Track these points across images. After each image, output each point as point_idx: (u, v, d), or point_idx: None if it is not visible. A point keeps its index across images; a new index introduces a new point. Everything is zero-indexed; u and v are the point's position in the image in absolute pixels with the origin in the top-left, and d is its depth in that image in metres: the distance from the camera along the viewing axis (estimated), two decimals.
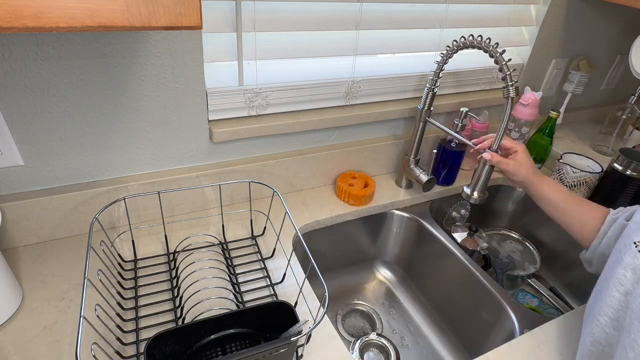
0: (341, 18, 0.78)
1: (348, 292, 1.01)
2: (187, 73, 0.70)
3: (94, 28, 0.36)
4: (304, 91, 0.83)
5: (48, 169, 0.69)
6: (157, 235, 0.78)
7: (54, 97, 0.63)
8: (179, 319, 0.62)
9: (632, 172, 0.89)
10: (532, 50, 1.08)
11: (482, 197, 0.78)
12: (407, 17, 0.85)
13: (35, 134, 0.65)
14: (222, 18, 0.69)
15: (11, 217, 0.68)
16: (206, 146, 0.80)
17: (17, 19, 0.32)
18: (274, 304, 0.57)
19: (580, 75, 1.15)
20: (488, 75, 1.06)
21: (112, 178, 0.75)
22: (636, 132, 1.12)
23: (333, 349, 0.62)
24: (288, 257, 0.75)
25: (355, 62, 0.86)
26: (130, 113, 0.70)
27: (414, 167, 0.95)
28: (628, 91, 1.16)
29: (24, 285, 0.65)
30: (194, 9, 0.39)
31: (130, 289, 0.67)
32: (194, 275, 0.69)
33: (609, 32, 1.19)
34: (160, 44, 0.66)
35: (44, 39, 0.58)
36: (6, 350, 0.56)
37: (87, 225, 0.75)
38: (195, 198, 0.83)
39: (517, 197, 1.12)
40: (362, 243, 1.02)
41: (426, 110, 0.88)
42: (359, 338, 0.87)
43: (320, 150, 0.91)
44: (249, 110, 0.80)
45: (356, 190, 0.91)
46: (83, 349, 0.45)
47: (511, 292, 0.99)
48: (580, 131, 1.29)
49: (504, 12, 0.98)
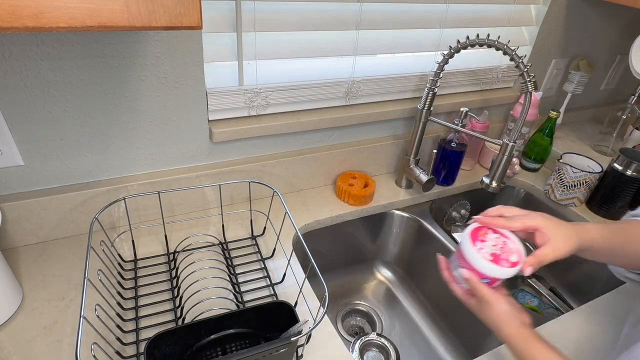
0: (341, 18, 0.78)
1: (348, 292, 1.01)
2: (187, 73, 0.70)
3: (94, 28, 0.36)
4: (304, 91, 0.83)
5: (48, 169, 0.69)
6: (157, 235, 0.78)
7: (54, 97, 0.63)
8: (179, 319, 0.62)
9: (632, 172, 0.89)
10: (532, 50, 1.08)
11: (501, 186, 0.80)
12: (407, 17, 0.85)
13: (35, 134, 0.65)
14: (222, 18, 0.69)
15: (11, 217, 0.68)
16: (206, 146, 0.80)
17: (17, 19, 0.32)
18: (274, 304, 0.57)
19: (580, 75, 1.15)
20: (488, 75, 1.06)
21: (112, 178, 0.75)
22: (636, 132, 1.12)
23: (333, 349, 0.62)
24: (288, 257, 0.75)
25: (355, 62, 0.86)
26: (130, 113, 0.70)
27: (414, 167, 0.95)
28: (628, 91, 1.16)
29: (24, 285, 0.65)
30: (194, 9, 0.39)
31: (130, 289, 0.67)
32: (194, 275, 0.69)
33: (609, 32, 1.19)
34: (160, 44, 0.66)
35: (44, 39, 0.58)
36: (6, 350, 0.56)
37: (87, 225, 0.75)
38: (195, 198, 0.83)
39: (517, 197, 1.12)
40: (362, 243, 1.02)
41: (426, 110, 0.88)
42: (359, 338, 0.86)
43: (320, 150, 0.91)
44: (249, 110, 0.80)
45: (356, 190, 0.91)
46: (83, 349, 0.45)
47: (511, 292, 0.99)
48: (580, 131, 1.29)
49: (504, 12, 0.98)
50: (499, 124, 1.16)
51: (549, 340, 0.51)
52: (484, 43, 0.74)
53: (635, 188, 0.90)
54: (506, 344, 0.53)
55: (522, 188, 1.11)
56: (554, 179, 0.98)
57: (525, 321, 0.53)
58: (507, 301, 0.53)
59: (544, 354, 0.49)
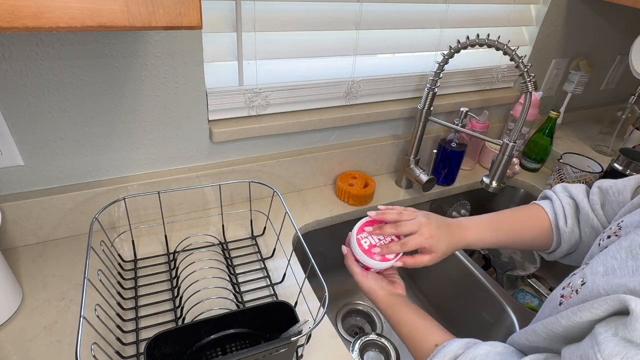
0: (341, 18, 0.78)
1: (348, 292, 1.01)
2: (187, 73, 0.70)
3: (94, 28, 0.36)
4: (304, 91, 0.83)
5: (48, 169, 0.69)
6: (157, 235, 0.78)
7: (54, 97, 0.63)
8: (179, 319, 0.62)
9: (632, 172, 0.89)
10: (532, 50, 1.08)
11: (501, 186, 0.80)
12: (407, 17, 0.85)
13: (35, 134, 0.65)
14: (222, 18, 0.69)
15: (11, 217, 0.68)
16: (206, 146, 0.80)
17: (17, 19, 0.32)
18: (274, 304, 0.57)
19: (580, 75, 1.15)
20: (488, 75, 1.06)
21: (112, 178, 0.75)
22: (636, 132, 1.12)
23: (333, 349, 0.62)
24: (288, 257, 0.75)
25: (355, 62, 0.86)
26: (130, 113, 0.70)
27: (414, 167, 0.95)
28: (628, 91, 1.16)
29: (24, 285, 0.65)
30: (194, 9, 0.39)
31: (130, 289, 0.67)
32: (194, 275, 0.69)
33: (609, 32, 1.19)
34: (161, 44, 0.66)
35: (44, 39, 0.58)
36: (6, 350, 0.56)
37: (87, 225, 0.75)
38: (195, 198, 0.83)
39: (517, 198, 1.12)
40: None
41: (426, 110, 0.88)
42: (359, 338, 0.86)
43: (320, 150, 0.91)
44: (249, 110, 0.80)
45: (356, 190, 0.91)
46: (83, 349, 0.45)
47: (511, 292, 0.99)
48: (580, 131, 1.29)
49: (504, 12, 0.98)
50: (499, 124, 1.16)
51: (415, 305, 0.59)
52: (484, 43, 0.74)
53: None
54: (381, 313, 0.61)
55: (522, 188, 1.11)
56: (554, 179, 0.98)
57: (394, 291, 0.62)
58: (374, 277, 0.63)
59: (407, 316, 0.58)
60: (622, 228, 0.47)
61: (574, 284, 0.43)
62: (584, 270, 0.44)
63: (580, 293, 0.41)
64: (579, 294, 0.41)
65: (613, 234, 0.48)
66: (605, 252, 0.43)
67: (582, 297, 0.40)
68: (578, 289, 0.42)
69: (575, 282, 0.43)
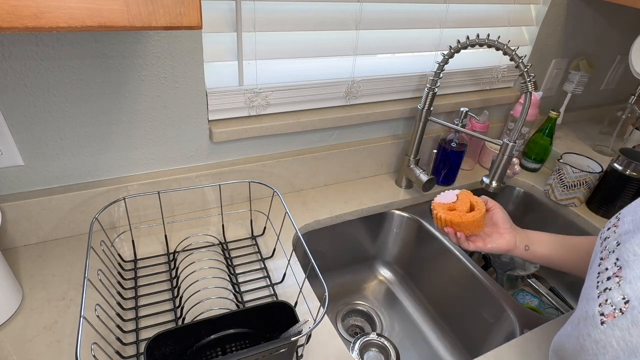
0: (341, 18, 0.78)
1: (348, 292, 1.01)
2: (187, 73, 0.70)
3: (94, 28, 0.36)
4: (304, 91, 0.83)
5: (48, 169, 0.69)
6: (157, 235, 0.78)
7: (54, 97, 0.63)
8: (179, 319, 0.62)
9: (632, 172, 0.89)
10: (532, 50, 1.08)
11: (501, 186, 0.80)
12: (407, 17, 0.85)
13: (35, 134, 0.65)
14: (222, 18, 0.69)
15: (11, 217, 0.68)
16: (206, 146, 0.80)
17: (17, 19, 0.32)
18: (274, 304, 0.57)
19: (580, 75, 1.15)
20: (488, 75, 1.06)
21: (112, 178, 0.75)
22: (636, 132, 1.12)
23: (333, 349, 0.62)
24: (288, 257, 0.75)
25: (355, 62, 0.86)
26: (130, 113, 0.70)
27: (414, 167, 0.95)
28: (628, 91, 1.16)
29: (24, 285, 0.65)
30: (194, 8, 0.39)
31: (130, 289, 0.67)
32: (194, 275, 0.69)
33: (609, 32, 1.19)
34: (160, 44, 0.66)
35: (44, 39, 0.58)
36: (6, 350, 0.56)
37: (87, 225, 0.75)
38: (195, 198, 0.83)
39: (517, 198, 1.12)
40: (362, 243, 1.02)
41: (426, 110, 0.88)
42: (359, 338, 0.86)
43: (320, 150, 0.91)
44: (249, 110, 0.80)
45: (459, 218, 0.65)
46: (83, 349, 0.45)
47: (511, 292, 0.99)
48: (580, 131, 1.29)
49: (504, 12, 0.98)
50: (499, 124, 1.16)
51: None
52: (484, 43, 0.74)
53: (635, 188, 0.90)
54: None
55: (522, 188, 1.11)
56: (554, 179, 0.98)
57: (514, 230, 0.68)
58: (491, 238, 0.68)
59: None
60: (620, 219, 0.47)
61: (613, 301, 0.42)
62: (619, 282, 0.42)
63: (627, 313, 0.40)
64: (625, 314, 0.40)
65: (612, 225, 0.48)
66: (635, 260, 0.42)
67: (633, 320, 0.39)
68: (622, 308, 0.40)
69: (614, 300, 0.42)
